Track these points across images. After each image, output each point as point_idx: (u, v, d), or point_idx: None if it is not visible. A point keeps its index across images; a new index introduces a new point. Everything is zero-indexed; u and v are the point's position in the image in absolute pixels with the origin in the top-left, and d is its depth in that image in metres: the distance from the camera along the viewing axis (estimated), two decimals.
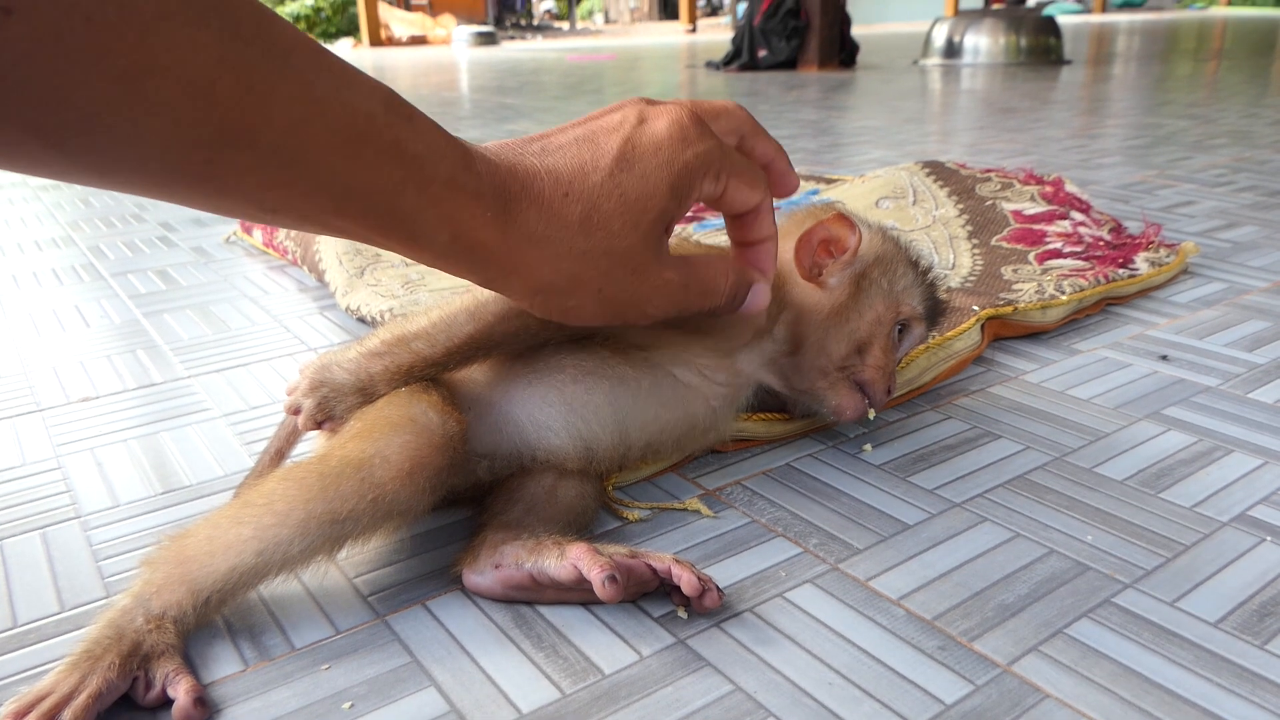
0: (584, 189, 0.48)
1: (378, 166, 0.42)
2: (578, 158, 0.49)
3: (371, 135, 0.42)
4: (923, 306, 0.71)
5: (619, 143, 0.49)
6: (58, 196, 1.85)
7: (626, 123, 0.50)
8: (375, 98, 0.42)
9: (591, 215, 0.48)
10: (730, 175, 0.53)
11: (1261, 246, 1.25)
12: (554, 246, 0.48)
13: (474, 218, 0.46)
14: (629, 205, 0.49)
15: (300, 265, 1.25)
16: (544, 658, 0.50)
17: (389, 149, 0.43)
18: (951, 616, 0.52)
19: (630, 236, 0.50)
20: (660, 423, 0.64)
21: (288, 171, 0.40)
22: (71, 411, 0.82)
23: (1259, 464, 0.67)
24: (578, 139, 0.50)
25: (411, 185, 0.44)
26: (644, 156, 0.50)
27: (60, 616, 0.54)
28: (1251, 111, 2.74)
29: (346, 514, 0.50)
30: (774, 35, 5.33)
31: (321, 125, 0.40)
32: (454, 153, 0.45)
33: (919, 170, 1.40)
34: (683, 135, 0.51)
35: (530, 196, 0.48)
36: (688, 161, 0.50)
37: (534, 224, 0.48)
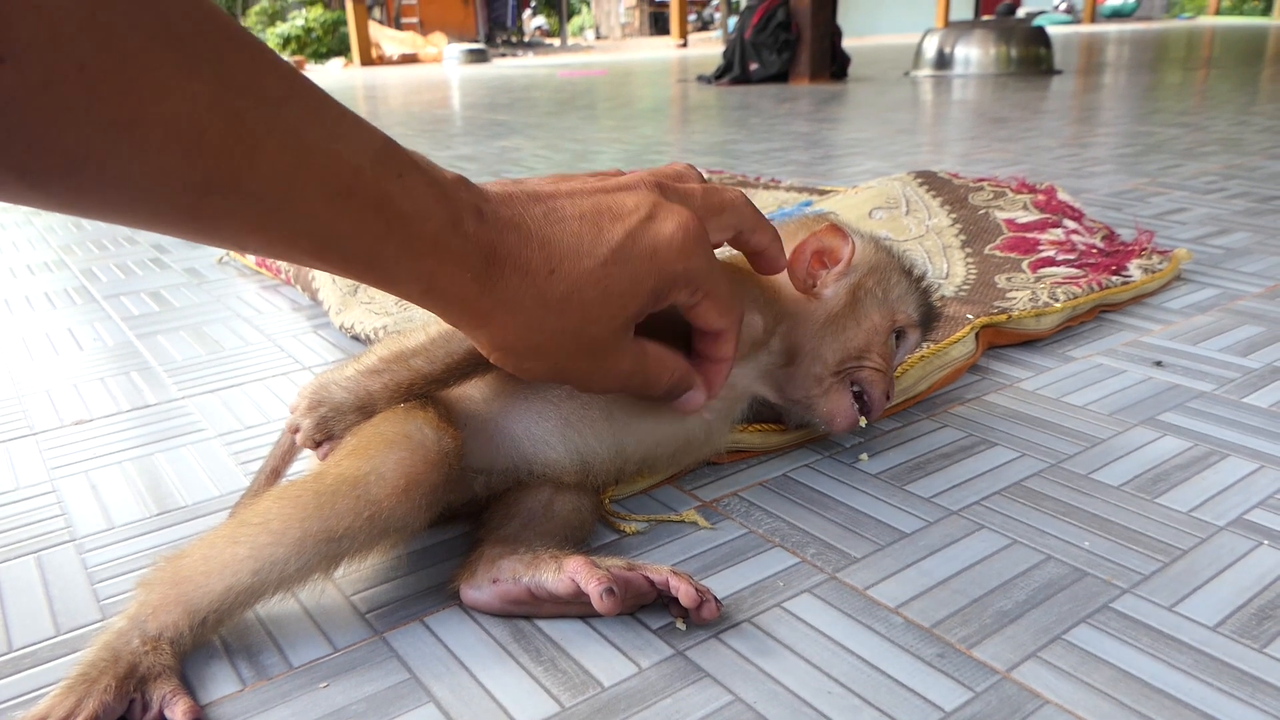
0: (571, 271, 0.48)
1: (361, 219, 0.43)
2: (576, 237, 0.49)
3: (357, 189, 0.42)
4: (917, 314, 0.72)
5: (621, 235, 0.50)
6: (49, 220, 1.86)
7: (636, 214, 0.50)
8: (366, 150, 0.42)
9: (572, 298, 0.49)
10: (707, 296, 0.54)
11: (1254, 252, 1.26)
12: (527, 316, 0.49)
13: (451, 276, 0.46)
14: (610, 299, 0.50)
15: (294, 284, 1.25)
16: (543, 671, 0.50)
17: (374, 204, 0.43)
18: (950, 624, 0.52)
19: (602, 326, 0.51)
20: (656, 437, 0.64)
21: (270, 218, 0.40)
22: (65, 434, 0.82)
23: (1255, 468, 0.67)
24: (583, 215, 0.50)
25: (393, 240, 0.44)
26: (640, 256, 0.50)
27: (56, 640, 0.54)
28: (1241, 119, 2.75)
29: (343, 532, 0.50)
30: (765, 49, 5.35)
31: (307, 176, 0.40)
32: (443, 212, 0.45)
33: (912, 180, 1.40)
34: (683, 247, 0.51)
35: (515, 264, 0.48)
36: (677, 273, 0.51)
37: (513, 291, 0.48)
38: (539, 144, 2.86)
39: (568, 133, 3.18)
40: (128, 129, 0.35)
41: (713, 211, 0.55)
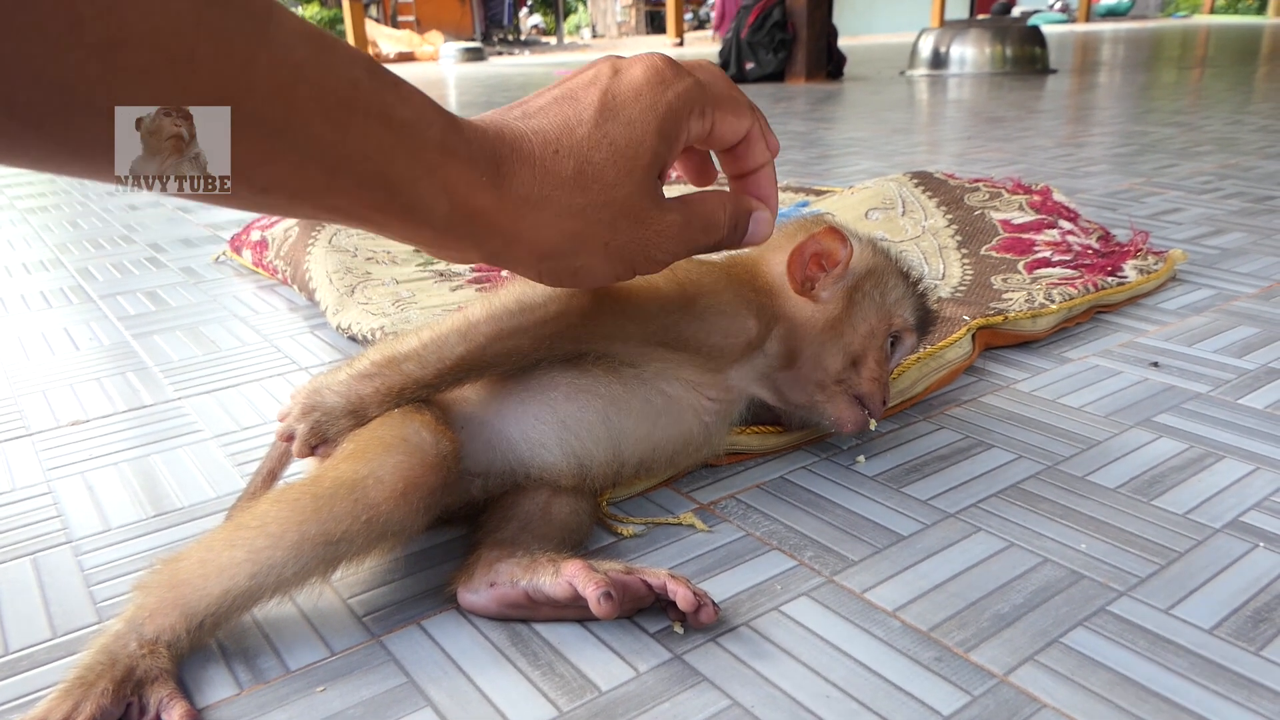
0: (572, 144, 0.48)
1: (366, 133, 0.41)
2: (560, 115, 0.48)
3: (357, 101, 0.41)
4: (914, 318, 0.72)
5: (598, 95, 0.49)
6: (45, 219, 1.85)
7: (602, 76, 0.50)
8: (357, 64, 0.41)
9: (584, 169, 0.48)
10: (715, 108, 0.52)
11: (1249, 252, 1.26)
12: (552, 206, 0.48)
13: (469, 183, 0.45)
14: (619, 153, 0.48)
15: (290, 284, 1.25)
16: (540, 676, 0.50)
17: (376, 115, 0.41)
18: (947, 627, 0.52)
19: (626, 185, 0.49)
20: (653, 439, 0.64)
21: (274, 141, 0.39)
22: (61, 435, 0.82)
23: (1250, 470, 0.68)
24: (556, 99, 0.49)
25: (402, 151, 0.43)
26: (626, 104, 0.49)
27: (52, 643, 0.54)
28: (1236, 118, 2.75)
29: (340, 535, 0.50)
30: (761, 48, 5.35)
31: (305, 91, 0.39)
32: (441, 118, 0.44)
33: (907, 181, 1.40)
34: (660, 78, 0.50)
35: (520, 157, 0.47)
36: (670, 102, 0.50)
37: (528, 185, 0.47)
38: None
39: None
40: (113, 51, 0.33)
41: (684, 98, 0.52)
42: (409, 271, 1.21)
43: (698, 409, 0.65)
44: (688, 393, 0.64)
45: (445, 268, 1.22)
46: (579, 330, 0.60)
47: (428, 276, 1.18)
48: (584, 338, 0.61)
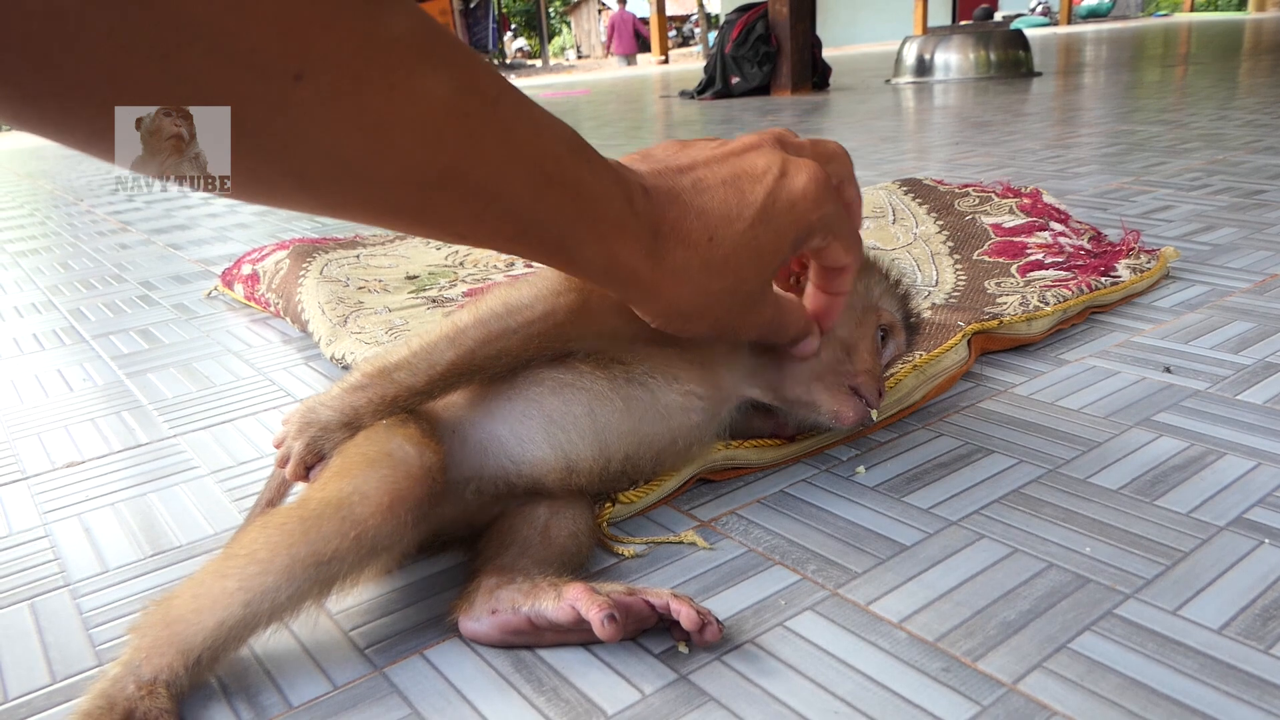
0: (726, 236, 0.53)
1: (559, 204, 0.46)
2: (725, 203, 0.53)
3: (557, 176, 0.46)
4: (900, 315, 0.72)
5: (763, 196, 0.53)
6: (37, 262, 1.85)
7: (770, 173, 0.54)
8: (562, 141, 0.47)
9: (729, 260, 0.53)
10: (837, 237, 0.58)
11: (1241, 247, 1.26)
12: (694, 283, 0.53)
13: (630, 252, 0.50)
14: (759, 255, 0.54)
15: (283, 317, 1.24)
16: (545, 702, 0.49)
17: (570, 188, 0.47)
18: (954, 637, 0.51)
19: (754, 282, 0.56)
20: (639, 435, 0.63)
21: (486, 207, 0.44)
22: (57, 478, 0.81)
23: (1253, 466, 0.67)
24: (725, 181, 0.54)
25: (583, 222, 0.48)
26: (781, 212, 0.54)
27: (52, 688, 0.53)
28: (1222, 114, 2.76)
29: (330, 554, 0.50)
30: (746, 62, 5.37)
31: (519, 167, 0.44)
32: (620, 192, 0.49)
33: (897, 189, 1.40)
34: (817, 197, 0.55)
35: (679, 236, 0.52)
36: (813, 223, 0.56)
37: (680, 261, 0.52)
38: None
39: None
40: (386, 132, 0.39)
41: (823, 159, 0.59)
42: (401, 299, 1.20)
43: (685, 406, 0.64)
44: (675, 389, 0.64)
45: (438, 294, 1.22)
46: (566, 329, 0.60)
47: (420, 304, 1.18)
48: (572, 336, 0.61)
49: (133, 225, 2.26)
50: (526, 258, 0.49)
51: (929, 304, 1.01)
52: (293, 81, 0.35)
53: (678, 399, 0.64)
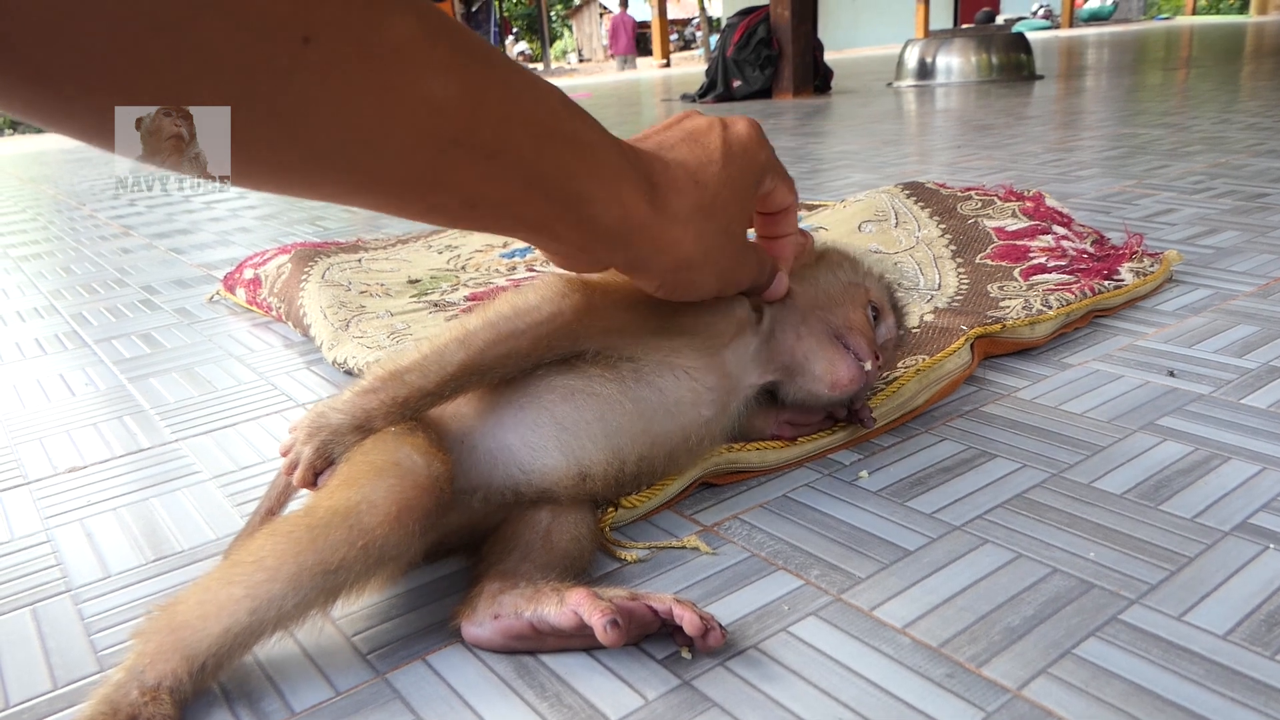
0: (707, 179, 0.56)
1: (561, 155, 0.48)
2: (693, 153, 0.56)
3: (556, 129, 0.48)
4: (888, 300, 0.75)
5: (719, 141, 0.57)
6: (39, 266, 1.85)
7: (715, 126, 0.58)
8: (555, 97, 0.48)
9: (715, 200, 0.56)
10: (780, 178, 0.63)
11: (1244, 251, 1.26)
12: (695, 227, 0.55)
13: (634, 198, 0.52)
14: (737, 193, 0.58)
15: (285, 321, 1.24)
16: (548, 707, 0.49)
17: (569, 139, 0.49)
18: (958, 642, 0.51)
19: (739, 220, 0.59)
20: (652, 435, 0.63)
21: (492, 163, 0.45)
22: (59, 483, 0.81)
23: (1257, 470, 0.67)
24: (683, 138, 0.57)
25: (586, 170, 0.50)
26: (740, 154, 0.58)
27: (54, 694, 0.53)
28: (1224, 117, 2.76)
29: (338, 563, 0.50)
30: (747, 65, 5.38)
31: (520, 122, 0.46)
32: (614, 142, 0.52)
33: (899, 192, 1.40)
34: (759, 138, 0.60)
35: (670, 183, 0.54)
36: (763, 161, 0.60)
37: (677, 207, 0.55)
38: None
39: None
40: (391, 97, 0.39)
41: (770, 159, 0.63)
42: (403, 303, 1.20)
43: (695, 400, 0.64)
44: (685, 384, 0.64)
45: (440, 298, 1.22)
46: (574, 327, 0.61)
47: (422, 307, 1.18)
48: (580, 334, 0.61)
49: (135, 229, 2.27)
50: (539, 223, 0.50)
51: (931, 308, 1.01)
52: (301, 44, 0.35)
53: (687, 394, 0.64)
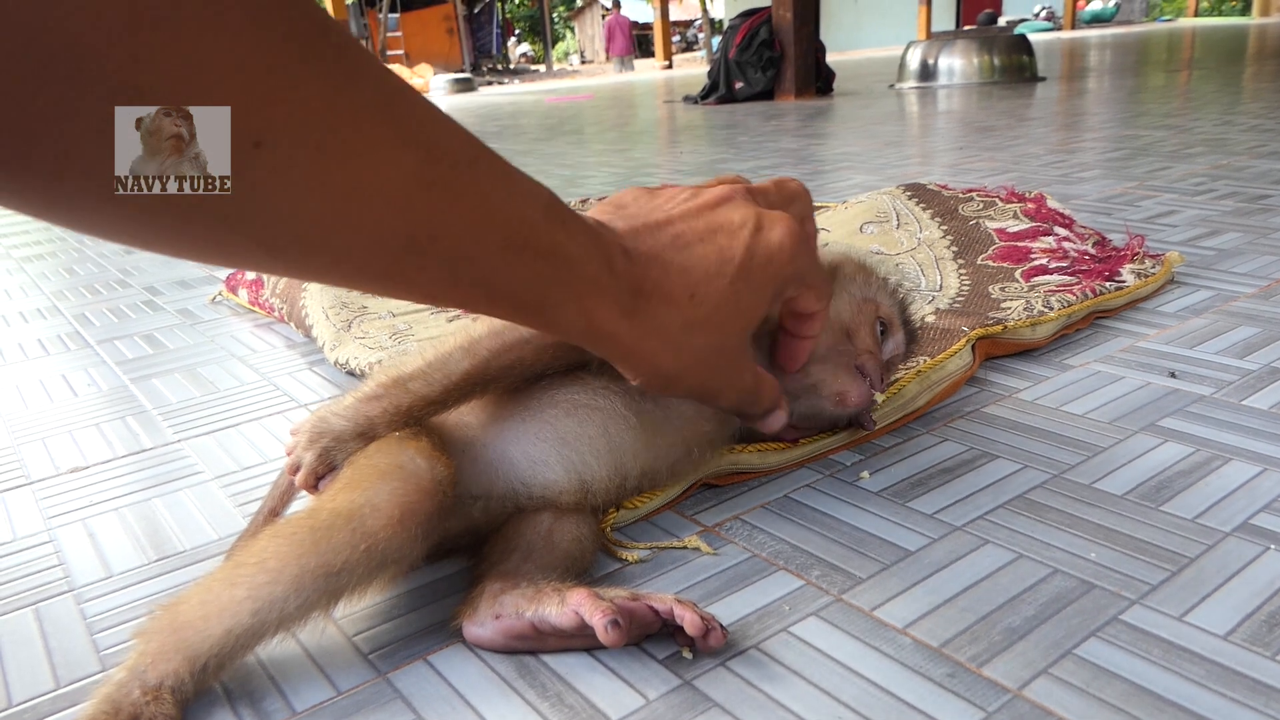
0: (709, 293, 0.53)
1: (534, 268, 0.46)
2: (705, 259, 0.53)
3: (533, 240, 0.46)
4: (898, 313, 0.74)
5: (742, 251, 0.53)
6: (42, 267, 1.85)
7: (746, 227, 0.54)
8: (538, 203, 0.46)
9: (712, 317, 0.53)
10: (809, 287, 0.59)
11: (1245, 252, 1.26)
12: (675, 341, 0.53)
13: (608, 313, 0.50)
14: (741, 311, 0.55)
15: (287, 321, 1.25)
16: (549, 707, 0.49)
17: (546, 253, 0.46)
18: (959, 643, 0.51)
19: (736, 338, 0.56)
20: (654, 450, 0.63)
21: (458, 273, 0.44)
22: (61, 483, 0.81)
23: (1258, 471, 0.67)
24: (703, 237, 0.54)
25: (559, 284, 0.47)
26: (760, 267, 0.54)
27: (56, 694, 0.53)
28: (1226, 119, 2.76)
29: (340, 566, 0.50)
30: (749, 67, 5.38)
31: (491, 233, 0.44)
32: (599, 254, 0.49)
33: (901, 194, 1.40)
34: (793, 250, 0.55)
35: (661, 295, 0.52)
36: (789, 275, 0.56)
37: (661, 320, 0.52)
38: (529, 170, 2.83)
39: (557, 158, 3.19)
40: (352, 199, 0.38)
41: (788, 202, 0.60)
42: (405, 304, 1.20)
43: (697, 414, 0.65)
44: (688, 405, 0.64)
45: None
46: None
47: (424, 308, 1.18)
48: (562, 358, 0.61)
49: None
50: (503, 318, 0.50)
51: (933, 309, 1.01)
52: (252, 149, 0.35)
53: (689, 408, 0.64)
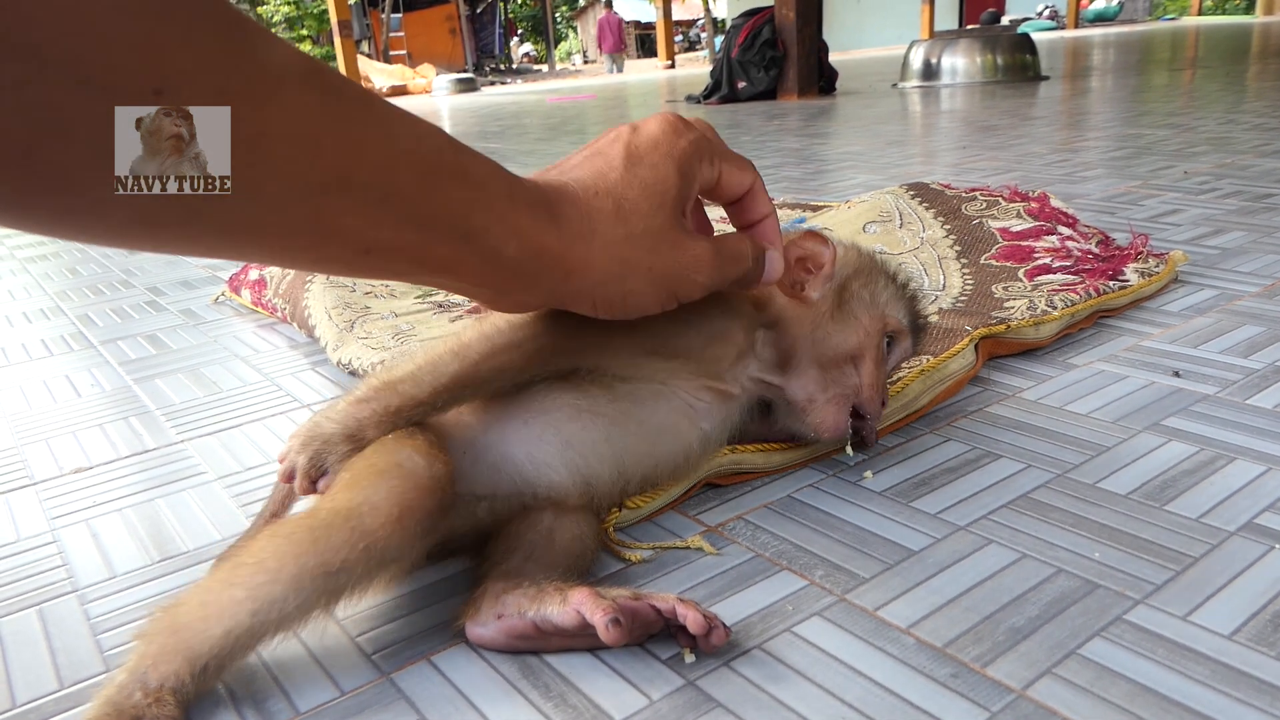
0: (607, 186, 0.54)
1: (450, 192, 0.48)
2: (593, 166, 0.55)
3: (443, 167, 0.48)
4: (907, 320, 0.72)
5: (623, 147, 0.56)
6: (45, 267, 1.86)
7: (623, 133, 0.57)
8: (438, 135, 0.48)
9: (621, 205, 0.54)
10: (721, 160, 0.59)
11: (1249, 251, 1.25)
12: (600, 237, 0.54)
13: (533, 225, 0.51)
14: (649, 190, 0.55)
15: (290, 322, 1.25)
16: (553, 707, 0.49)
17: (458, 176, 0.48)
18: (962, 643, 0.51)
19: (659, 215, 0.55)
20: (655, 454, 0.63)
21: (380, 208, 0.45)
22: (65, 483, 0.81)
23: (1262, 470, 0.67)
24: (587, 156, 0.56)
25: (479, 204, 0.49)
26: (648, 152, 0.56)
27: (60, 694, 0.53)
28: (1230, 118, 2.76)
29: (339, 565, 0.50)
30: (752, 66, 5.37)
31: (405, 163, 0.45)
32: (503, 174, 0.51)
33: (904, 193, 1.40)
34: (673, 129, 0.57)
35: (568, 200, 0.53)
36: (684, 148, 0.56)
37: (578, 222, 0.53)
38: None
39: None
40: (260, 142, 0.39)
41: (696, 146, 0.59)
42: (408, 304, 1.20)
43: (696, 418, 0.65)
44: (684, 403, 0.64)
45: (444, 299, 1.22)
46: (568, 344, 0.61)
47: (427, 308, 1.18)
48: (574, 351, 0.61)
49: None
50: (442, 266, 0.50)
51: (936, 308, 1.01)
52: (152, 96, 0.35)
53: (688, 412, 0.64)
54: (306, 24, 17.86)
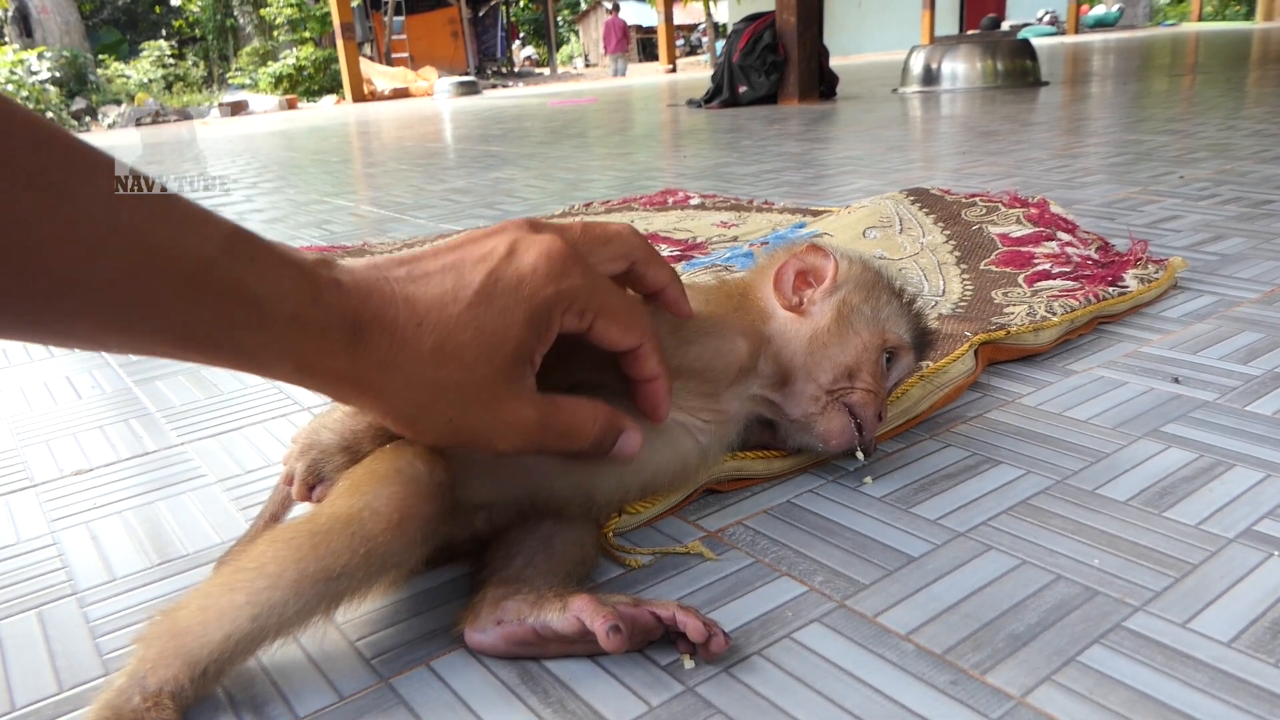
0: (439, 320, 0.49)
1: (216, 308, 0.44)
2: (439, 288, 0.49)
3: (208, 279, 0.43)
4: (909, 335, 0.71)
5: (483, 276, 0.50)
6: None
7: (495, 254, 0.50)
8: (214, 241, 0.43)
9: (444, 346, 0.49)
10: (598, 315, 0.53)
11: (1249, 257, 1.25)
12: (404, 374, 0.49)
13: (318, 351, 0.47)
14: (484, 339, 0.49)
15: None
16: (552, 713, 0.49)
17: (227, 292, 0.44)
18: (962, 649, 0.51)
19: (483, 369, 0.50)
20: (654, 466, 0.63)
21: (124, 318, 0.42)
22: (65, 485, 0.81)
23: (1262, 477, 0.67)
24: (445, 267, 0.50)
25: (250, 326, 0.45)
26: (505, 291, 0.50)
27: (59, 697, 0.53)
28: (1230, 124, 2.76)
29: (340, 570, 0.50)
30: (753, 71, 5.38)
31: (156, 273, 0.41)
32: (299, 290, 0.46)
33: (904, 198, 1.40)
34: (548, 269, 0.51)
35: (382, 325, 0.48)
36: (548, 297, 0.51)
37: (384, 352, 0.48)
38: (532, 174, 2.87)
39: (560, 162, 3.19)
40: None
41: (596, 242, 0.55)
42: None
43: (694, 433, 0.65)
44: (684, 419, 0.64)
45: None
46: (566, 360, 0.60)
47: None
48: (572, 368, 0.61)
49: None
50: (215, 365, 0.47)
51: (935, 314, 1.01)
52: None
53: (687, 427, 0.64)
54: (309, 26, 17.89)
